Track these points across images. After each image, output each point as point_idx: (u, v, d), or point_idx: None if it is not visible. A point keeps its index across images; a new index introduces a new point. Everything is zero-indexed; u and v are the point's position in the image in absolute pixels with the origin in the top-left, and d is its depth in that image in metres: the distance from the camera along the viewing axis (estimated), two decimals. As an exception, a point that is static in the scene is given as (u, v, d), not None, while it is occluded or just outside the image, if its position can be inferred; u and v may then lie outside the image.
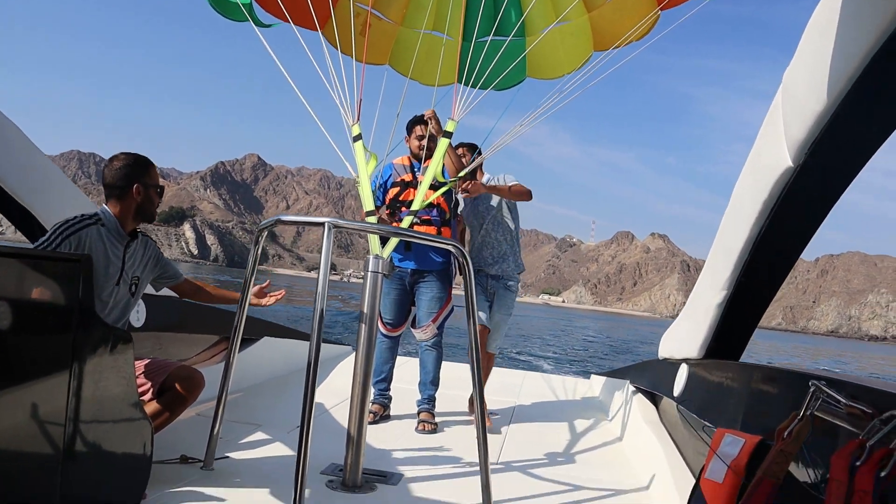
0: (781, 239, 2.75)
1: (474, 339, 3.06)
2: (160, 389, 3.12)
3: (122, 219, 2.96)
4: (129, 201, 2.95)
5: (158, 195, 3.05)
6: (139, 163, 2.99)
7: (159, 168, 3.25)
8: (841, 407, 1.50)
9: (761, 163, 2.64)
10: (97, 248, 2.85)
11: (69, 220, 2.85)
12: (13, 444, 1.78)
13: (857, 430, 1.39)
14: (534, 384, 6.81)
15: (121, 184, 2.93)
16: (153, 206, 3.04)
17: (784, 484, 1.55)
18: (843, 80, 2.01)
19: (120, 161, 2.97)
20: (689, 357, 3.69)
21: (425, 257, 4.71)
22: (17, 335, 1.74)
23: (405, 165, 4.81)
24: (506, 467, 3.79)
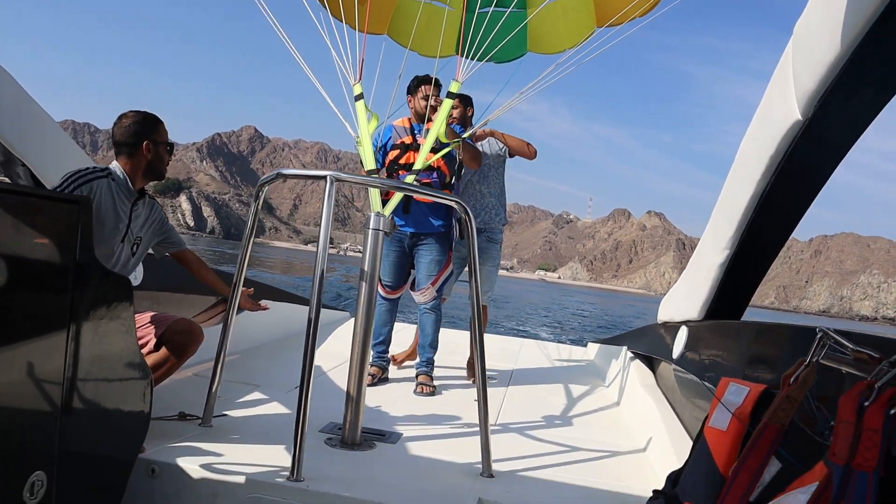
0: (787, 196, 2.72)
1: (476, 296, 3.05)
2: (158, 342, 3.13)
3: (132, 176, 2.98)
4: (139, 158, 2.97)
5: (168, 152, 3.07)
6: (148, 120, 3.00)
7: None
8: (847, 353, 1.49)
9: (769, 117, 2.60)
10: (106, 200, 2.87)
11: (81, 169, 2.86)
12: (11, 397, 1.76)
13: (864, 374, 1.38)
14: (531, 350, 6.84)
15: (131, 140, 2.94)
16: (163, 164, 3.05)
17: (789, 430, 1.54)
18: (856, 27, 1.96)
19: (129, 118, 2.97)
20: (689, 319, 3.69)
21: (424, 221, 4.67)
22: (12, 279, 1.70)
23: (405, 128, 4.73)
24: (503, 429, 3.80)
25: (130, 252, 3.06)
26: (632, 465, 3.36)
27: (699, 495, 1.71)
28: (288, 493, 2.55)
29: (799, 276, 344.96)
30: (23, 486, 1.78)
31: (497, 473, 2.97)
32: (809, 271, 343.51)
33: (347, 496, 2.54)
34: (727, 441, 1.71)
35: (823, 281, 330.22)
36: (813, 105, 2.30)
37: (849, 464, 1.28)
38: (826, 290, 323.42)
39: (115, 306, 2.17)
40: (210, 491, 2.60)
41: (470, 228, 3.14)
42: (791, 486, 1.43)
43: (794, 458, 1.51)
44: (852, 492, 1.25)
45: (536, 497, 2.79)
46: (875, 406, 1.28)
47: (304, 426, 2.63)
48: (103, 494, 2.23)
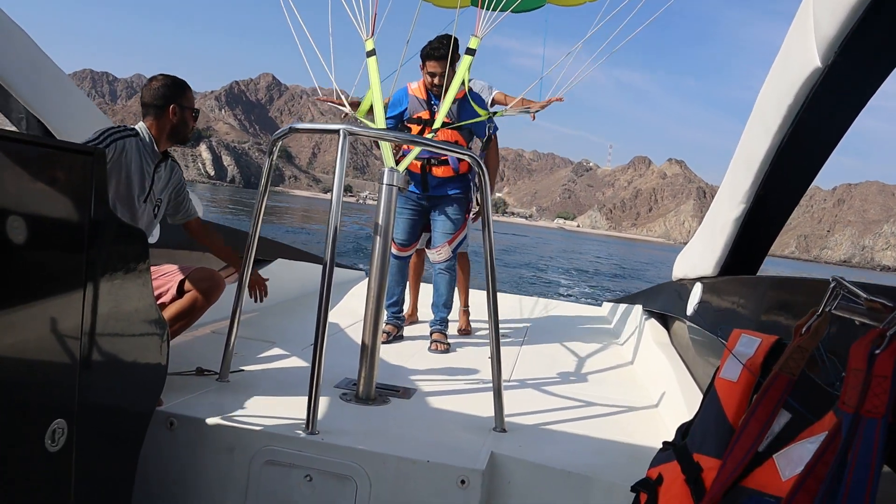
0: (804, 148, 2.66)
1: (490, 250, 3.05)
2: (180, 290, 3.21)
3: (157, 137, 3.08)
4: (165, 121, 3.06)
5: (193, 118, 3.16)
6: (177, 84, 3.10)
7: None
8: (861, 302, 1.47)
9: (788, 65, 2.53)
10: (134, 159, 2.96)
11: (112, 127, 2.95)
12: (30, 350, 1.78)
13: (876, 323, 1.36)
14: (545, 309, 6.85)
15: (158, 103, 3.04)
16: (187, 128, 3.15)
17: (800, 380, 1.54)
18: None
19: (159, 81, 3.07)
20: (703, 275, 3.66)
21: (441, 189, 4.66)
22: (27, 233, 1.70)
23: (421, 99, 4.55)
24: (517, 385, 3.83)
25: (152, 213, 3.15)
26: (644, 421, 3.38)
27: (709, 445, 1.71)
28: (303, 445, 2.60)
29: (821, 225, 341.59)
30: (44, 433, 1.82)
31: (510, 428, 3.01)
32: (832, 220, 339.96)
33: (361, 448, 2.59)
34: (737, 392, 1.71)
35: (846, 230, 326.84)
36: (833, 51, 2.23)
37: (858, 411, 1.27)
38: (848, 240, 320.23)
39: (131, 260, 2.19)
40: (227, 443, 2.66)
41: (484, 182, 3.12)
42: (801, 435, 1.43)
43: (804, 408, 1.50)
44: (860, 438, 1.24)
45: (548, 451, 2.82)
46: (886, 353, 1.27)
47: (318, 380, 2.67)
48: (122, 444, 2.29)
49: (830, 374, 1.57)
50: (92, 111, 4.01)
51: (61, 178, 1.83)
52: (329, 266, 2.72)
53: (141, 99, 3.10)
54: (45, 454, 1.82)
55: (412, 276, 5.41)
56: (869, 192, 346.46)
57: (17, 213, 1.67)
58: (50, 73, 3.62)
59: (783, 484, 1.38)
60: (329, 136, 3.72)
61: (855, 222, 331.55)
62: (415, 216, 4.72)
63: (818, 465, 1.31)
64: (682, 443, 1.89)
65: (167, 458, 2.69)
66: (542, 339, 5.21)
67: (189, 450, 2.70)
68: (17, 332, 1.73)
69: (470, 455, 2.66)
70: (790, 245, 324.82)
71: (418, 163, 4.53)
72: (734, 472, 1.53)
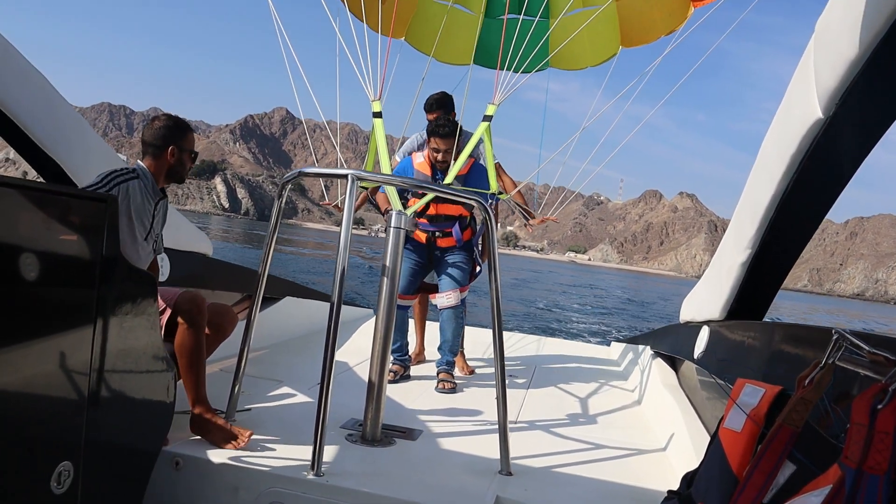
0: (808, 195, 2.68)
1: (496, 294, 3.06)
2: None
3: (156, 176, 3.08)
4: (163, 161, 3.07)
5: (192, 160, 3.17)
6: (178, 126, 3.11)
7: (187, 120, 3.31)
8: (864, 355, 1.47)
9: (790, 115, 2.56)
10: (137, 201, 2.98)
11: (117, 170, 2.97)
12: (39, 387, 1.81)
13: (880, 377, 1.36)
14: (552, 349, 6.82)
15: (158, 143, 3.05)
16: (184, 170, 3.15)
17: (803, 432, 1.53)
18: (877, 24, 1.93)
19: (160, 122, 3.09)
20: (710, 319, 3.66)
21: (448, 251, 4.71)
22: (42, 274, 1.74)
23: (426, 176, 4.57)
24: (524, 427, 3.81)
25: (152, 249, 3.17)
26: (652, 465, 3.35)
27: (712, 496, 1.71)
28: (308, 487, 2.60)
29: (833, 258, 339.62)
30: (50, 476, 1.83)
31: (516, 471, 2.99)
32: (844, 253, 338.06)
33: (366, 491, 2.58)
34: (741, 442, 1.70)
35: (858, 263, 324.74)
36: (834, 103, 2.26)
37: (860, 467, 1.27)
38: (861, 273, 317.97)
39: (139, 301, 2.23)
40: (232, 484, 2.66)
41: (490, 225, 3.15)
42: (805, 488, 1.42)
43: (808, 460, 1.50)
44: (863, 495, 1.24)
45: (554, 495, 2.80)
46: (888, 409, 1.27)
47: (324, 422, 2.68)
48: (128, 484, 2.30)
49: (835, 425, 1.57)
50: (106, 152, 4.09)
51: (76, 223, 1.89)
52: (336, 308, 2.74)
53: (142, 137, 3.11)
54: (51, 497, 1.84)
55: (417, 316, 5.43)
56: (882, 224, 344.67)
57: (35, 254, 1.72)
58: (65, 114, 3.70)
59: None
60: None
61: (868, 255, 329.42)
62: (417, 266, 4.73)
63: None
64: (686, 492, 1.88)
65: (172, 497, 2.69)
66: (549, 380, 5.19)
67: (194, 490, 2.70)
68: (29, 369, 1.77)
69: (475, 499, 2.64)
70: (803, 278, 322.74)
71: (424, 235, 4.66)
72: None
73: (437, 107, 4.92)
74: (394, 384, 4.47)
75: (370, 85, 3.96)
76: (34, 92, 3.45)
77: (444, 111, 4.94)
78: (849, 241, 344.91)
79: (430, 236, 4.66)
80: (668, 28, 4.69)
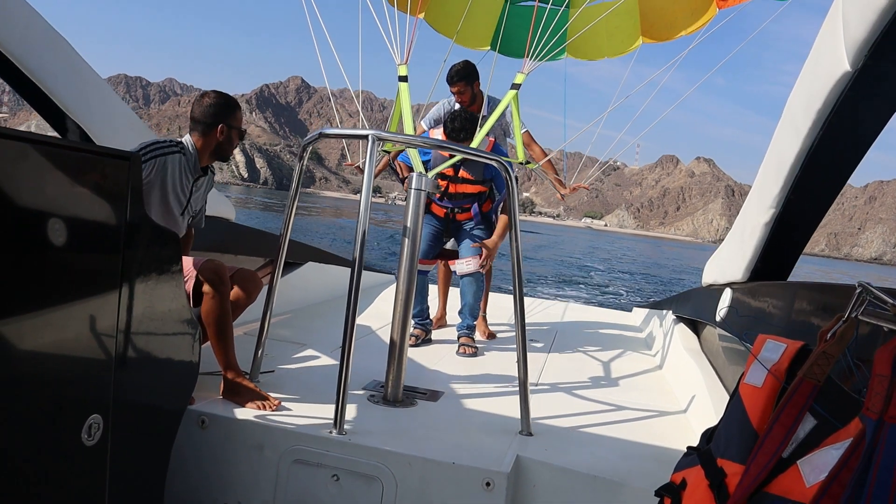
0: (835, 152, 2.62)
1: (517, 255, 3.06)
2: None
3: (201, 153, 3.13)
4: (211, 139, 3.12)
5: (239, 137, 3.21)
6: (228, 104, 3.15)
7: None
8: (888, 308, 1.45)
9: (817, 69, 2.50)
10: (175, 175, 3.03)
11: (160, 141, 3.02)
12: (68, 348, 1.84)
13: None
14: (574, 314, 6.83)
15: (208, 120, 3.09)
16: (231, 148, 3.19)
17: (825, 386, 1.52)
18: None
19: (210, 98, 3.12)
20: (733, 281, 3.63)
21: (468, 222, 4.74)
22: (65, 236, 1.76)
23: (445, 156, 4.50)
24: (544, 389, 3.83)
25: (187, 224, 3.25)
26: (672, 426, 3.36)
27: (732, 451, 1.70)
28: (330, 445, 2.64)
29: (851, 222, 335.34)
30: (81, 428, 1.88)
31: (536, 432, 3.02)
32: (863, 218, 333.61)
33: (387, 449, 2.62)
34: (762, 397, 1.70)
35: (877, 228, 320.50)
36: (863, 55, 2.20)
37: (882, 417, 1.26)
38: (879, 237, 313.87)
39: (165, 261, 2.25)
40: (257, 441, 2.71)
41: (511, 186, 3.14)
42: (825, 441, 1.42)
43: (829, 414, 1.49)
44: (884, 444, 1.23)
45: (574, 455, 2.82)
46: None
47: (346, 381, 2.71)
48: (155, 440, 2.35)
49: (857, 379, 1.56)
50: (129, 117, 4.11)
51: (99, 182, 1.89)
52: (357, 270, 2.76)
53: (191, 113, 3.14)
54: (81, 448, 1.89)
55: (441, 281, 5.45)
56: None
57: (57, 215, 1.73)
58: (89, 79, 3.71)
59: (807, 490, 1.37)
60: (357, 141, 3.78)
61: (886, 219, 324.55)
62: (437, 230, 4.74)
63: (842, 472, 1.30)
64: (706, 448, 1.88)
65: (199, 455, 2.76)
66: (570, 344, 5.20)
67: (220, 447, 2.76)
68: (56, 330, 1.80)
69: (495, 458, 2.67)
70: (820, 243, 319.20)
71: (443, 210, 4.70)
72: (758, 477, 1.52)
73: (458, 79, 4.87)
74: (415, 348, 4.51)
75: (397, 49, 3.95)
76: (59, 57, 3.47)
77: (466, 83, 4.90)
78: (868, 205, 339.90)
79: (449, 212, 4.71)
80: (689, 27, 4.62)
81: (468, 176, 4.55)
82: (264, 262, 5.15)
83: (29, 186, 1.65)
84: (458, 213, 4.71)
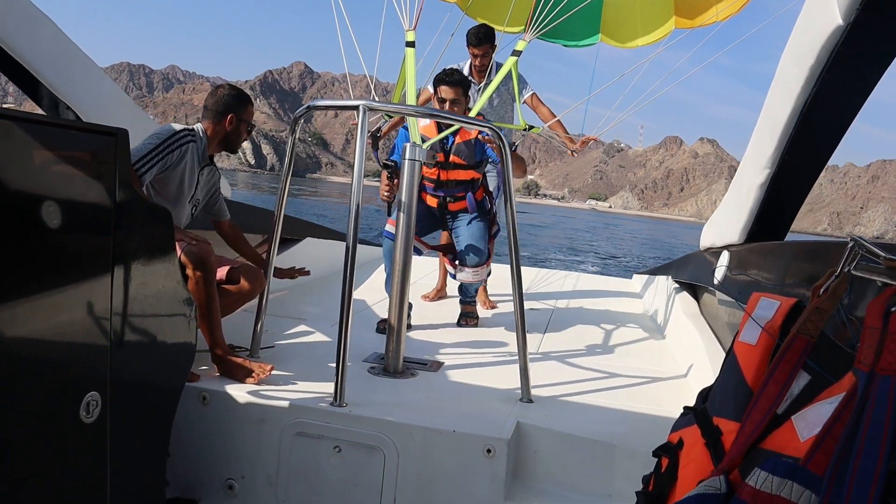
0: (829, 109, 2.59)
1: (513, 221, 3.06)
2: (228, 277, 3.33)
3: (210, 141, 3.24)
4: (220, 128, 3.23)
5: (248, 131, 3.32)
6: (241, 97, 3.29)
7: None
8: (880, 262, 1.44)
9: (809, 24, 2.46)
10: (188, 165, 3.11)
11: (179, 132, 3.08)
12: (62, 329, 1.84)
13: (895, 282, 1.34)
14: (575, 283, 6.84)
15: (220, 109, 3.22)
16: (239, 139, 3.31)
17: (818, 342, 1.52)
18: None
19: (224, 90, 3.27)
20: (730, 243, 3.62)
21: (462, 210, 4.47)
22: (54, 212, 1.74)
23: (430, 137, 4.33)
24: (544, 357, 3.85)
25: (191, 213, 3.30)
26: (672, 391, 3.38)
27: (728, 409, 1.71)
28: (331, 417, 2.66)
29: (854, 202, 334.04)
30: (79, 405, 1.89)
31: (536, 399, 3.03)
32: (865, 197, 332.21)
33: (388, 420, 2.64)
34: (756, 355, 1.70)
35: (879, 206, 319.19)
36: (855, 8, 2.17)
37: (873, 369, 1.26)
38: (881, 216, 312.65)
39: (157, 239, 2.24)
40: (258, 416, 2.73)
41: (504, 154, 3.13)
42: (819, 396, 1.43)
43: (823, 369, 1.49)
44: (875, 397, 1.23)
45: (574, 420, 2.84)
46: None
47: (345, 353, 2.72)
48: (155, 417, 2.37)
49: (851, 334, 1.55)
50: (121, 98, 4.09)
51: (85, 159, 1.87)
52: (352, 242, 2.76)
53: (205, 102, 3.27)
54: (80, 425, 1.90)
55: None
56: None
57: (43, 194, 1.72)
58: (78, 60, 3.69)
59: (801, 445, 1.38)
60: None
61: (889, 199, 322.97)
62: (427, 210, 4.45)
63: (836, 425, 1.30)
64: (702, 407, 1.89)
65: (201, 431, 2.78)
66: (570, 312, 5.21)
67: (221, 423, 2.78)
68: (49, 310, 1.79)
69: (496, 425, 2.69)
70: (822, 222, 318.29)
71: (434, 200, 4.41)
72: (753, 434, 1.53)
73: (485, 40, 4.83)
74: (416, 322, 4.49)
75: (406, 14, 3.95)
76: (45, 38, 3.44)
77: (490, 44, 4.88)
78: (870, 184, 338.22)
79: (441, 201, 4.40)
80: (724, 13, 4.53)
81: (460, 161, 4.26)
82: (262, 239, 5.17)
83: (13, 166, 1.63)
84: (451, 203, 4.40)
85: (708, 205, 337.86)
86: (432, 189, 4.40)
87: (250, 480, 2.76)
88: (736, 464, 1.52)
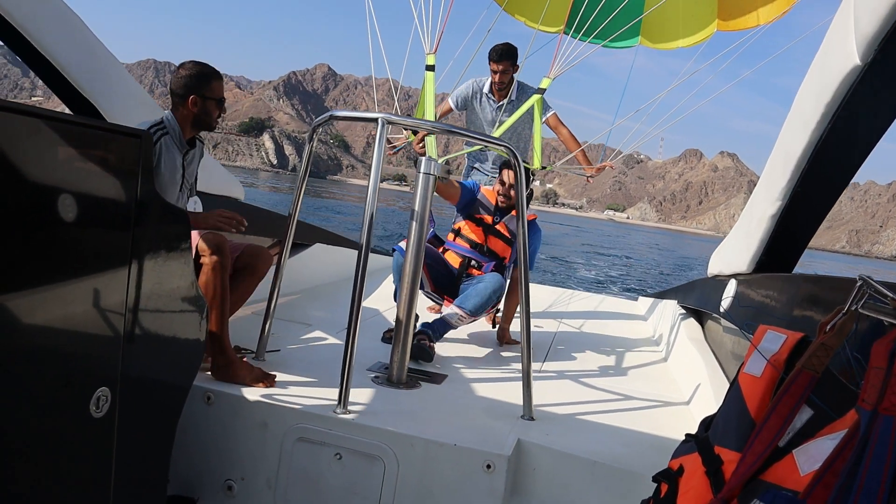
0: (843, 146, 2.61)
1: (523, 243, 3.08)
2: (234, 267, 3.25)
3: (182, 126, 3.05)
4: (186, 111, 3.02)
5: (218, 107, 3.09)
6: (202, 74, 3.03)
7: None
8: (887, 302, 1.46)
9: (827, 62, 2.49)
10: (168, 156, 2.99)
11: (154, 123, 2.97)
12: (77, 323, 1.88)
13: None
14: (580, 302, 6.85)
15: (180, 92, 3.01)
16: (210, 118, 3.07)
17: (823, 378, 1.54)
18: None
19: (185, 70, 3.03)
20: (738, 272, 3.62)
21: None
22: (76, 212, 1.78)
23: (490, 205, 4.39)
24: (547, 376, 3.86)
25: (186, 197, 3.21)
26: (673, 415, 3.38)
27: (730, 439, 1.72)
28: (334, 424, 2.68)
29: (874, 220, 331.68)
30: (89, 400, 1.92)
31: (538, 417, 3.04)
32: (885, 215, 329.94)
33: (390, 429, 2.65)
34: (760, 387, 1.71)
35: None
36: (873, 49, 2.19)
37: (876, 408, 1.27)
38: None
39: (173, 239, 2.27)
40: (261, 419, 2.75)
41: (518, 173, 3.15)
42: (821, 432, 1.44)
43: (826, 405, 1.50)
44: (877, 436, 1.25)
45: (575, 440, 2.84)
46: None
47: (351, 361, 2.74)
48: (162, 414, 2.39)
49: (856, 372, 1.56)
50: (142, 97, 4.13)
51: (110, 159, 1.91)
52: (364, 252, 2.79)
53: (169, 86, 3.08)
54: (90, 419, 1.93)
55: None
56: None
57: (67, 191, 1.75)
58: (104, 60, 3.74)
59: (801, 479, 1.39)
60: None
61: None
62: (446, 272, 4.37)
63: (837, 461, 1.32)
64: (704, 435, 1.90)
65: (204, 430, 2.81)
66: (575, 332, 5.22)
67: (225, 424, 2.80)
68: (65, 305, 1.82)
69: (497, 441, 2.70)
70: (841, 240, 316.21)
71: (459, 260, 4.36)
72: (753, 465, 1.54)
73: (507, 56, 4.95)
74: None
75: (426, 37, 3.99)
76: (72, 34, 3.49)
77: (510, 62, 4.96)
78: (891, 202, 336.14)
79: (465, 262, 4.37)
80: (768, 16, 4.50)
81: (505, 232, 4.27)
82: (272, 243, 5.21)
83: (40, 162, 1.67)
84: (473, 268, 4.37)
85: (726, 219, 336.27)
86: (464, 249, 4.36)
87: (250, 482, 2.78)
88: (735, 494, 1.53)
